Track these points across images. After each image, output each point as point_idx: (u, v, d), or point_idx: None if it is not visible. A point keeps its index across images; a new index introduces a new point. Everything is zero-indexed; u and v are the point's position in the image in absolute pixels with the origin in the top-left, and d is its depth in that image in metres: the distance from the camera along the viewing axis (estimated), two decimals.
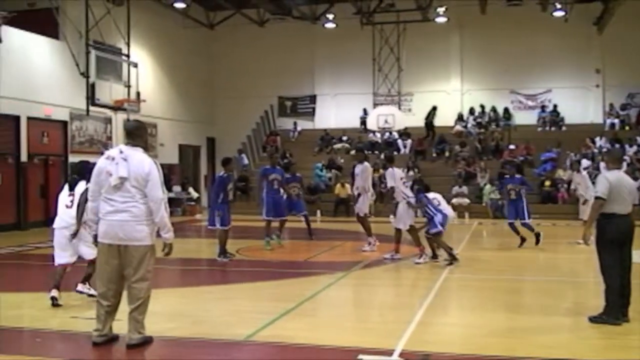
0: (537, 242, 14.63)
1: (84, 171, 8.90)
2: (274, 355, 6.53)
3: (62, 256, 8.83)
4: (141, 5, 25.60)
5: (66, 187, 9.17)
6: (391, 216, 13.60)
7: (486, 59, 30.26)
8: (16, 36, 20.02)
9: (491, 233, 19.65)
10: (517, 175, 15.19)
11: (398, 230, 12.77)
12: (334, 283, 10.49)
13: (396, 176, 12.60)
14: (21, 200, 20.30)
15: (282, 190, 15.31)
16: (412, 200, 12.47)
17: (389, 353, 6.18)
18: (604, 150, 25.29)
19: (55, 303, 8.57)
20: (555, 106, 29.62)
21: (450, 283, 10.58)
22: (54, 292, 8.64)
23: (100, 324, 6.47)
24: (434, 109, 29.63)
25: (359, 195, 14.28)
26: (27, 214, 20.42)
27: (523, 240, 14.61)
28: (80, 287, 9.13)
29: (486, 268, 12.51)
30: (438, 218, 12.12)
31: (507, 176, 15.41)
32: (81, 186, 8.81)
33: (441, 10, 28.18)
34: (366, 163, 14.56)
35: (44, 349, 6.76)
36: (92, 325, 6.56)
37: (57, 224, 8.93)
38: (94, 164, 6.68)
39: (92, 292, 8.73)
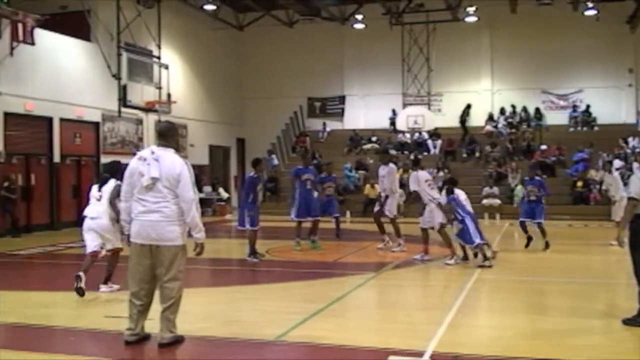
0: (527, 245, 14.47)
1: (115, 170, 9.58)
2: (304, 355, 6.53)
3: (92, 245, 9.51)
4: (171, 8, 25.81)
5: (96, 185, 9.76)
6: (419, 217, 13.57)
7: (517, 59, 30.00)
8: (49, 39, 20.30)
9: (522, 234, 19.42)
10: (537, 178, 15.06)
11: (424, 231, 12.74)
12: (364, 284, 10.48)
13: (420, 179, 12.58)
14: (54, 201, 20.57)
15: (314, 191, 15.27)
16: (442, 201, 12.42)
17: (420, 354, 6.16)
18: (637, 150, 24.94)
19: (79, 286, 9.10)
20: (587, 106, 29.28)
21: (481, 284, 10.51)
22: (81, 273, 9.23)
23: (132, 323, 6.54)
24: (468, 107, 29.42)
25: (386, 197, 14.27)
26: (59, 214, 20.70)
27: (530, 239, 14.53)
28: (102, 287, 9.58)
29: (517, 269, 12.41)
30: (470, 227, 12.04)
31: (527, 178, 15.28)
32: (110, 184, 9.43)
33: (471, 9, 28.01)
34: (391, 164, 14.55)
35: (77, 347, 6.84)
36: (125, 324, 6.63)
37: (87, 212, 9.67)
38: (125, 164, 6.78)
39: (115, 287, 9.44)
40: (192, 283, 9.10)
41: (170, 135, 6.69)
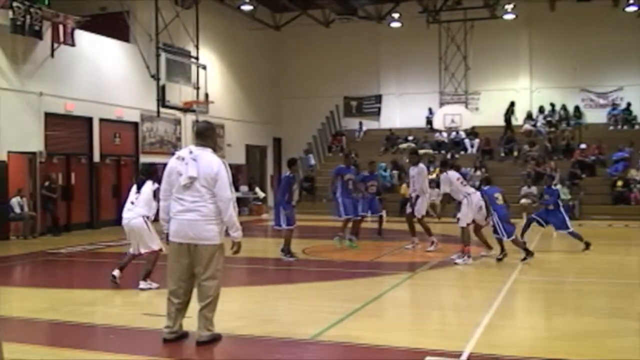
0: (587, 247, 14.17)
1: (151, 172, 10.18)
2: (340, 355, 6.54)
3: (132, 247, 10.13)
4: (209, 8, 26.00)
5: (134, 187, 10.15)
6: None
7: (556, 57, 29.63)
8: (89, 40, 20.61)
9: (561, 235, 19.18)
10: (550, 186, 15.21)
11: (464, 230, 12.70)
12: (400, 284, 10.45)
13: (452, 179, 12.60)
14: (94, 200, 20.87)
15: (356, 190, 15.28)
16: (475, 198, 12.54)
17: (457, 355, 6.12)
18: None
19: (114, 280, 9.88)
20: (628, 104, 28.78)
21: (519, 285, 10.41)
22: (116, 272, 9.96)
23: (170, 321, 6.61)
24: (512, 104, 29.10)
25: (417, 197, 14.23)
26: (99, 213, 20.99)
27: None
28: (142, 284, 9.78)
29: (555, 270, 12.28)
30: (505, 227, 12.23)
31: (546, 186, 15.24)
32: (148, 186, 9.89)
33: (509, 7, 27.73)
34: (421, 165, 14.51)
35: (116, 345, 6.93)
36: (163, 322, 6.69)
37: (123, 220, 10.17)
38: (160, 165, 6.86)
39: (154, 285, 9.62)
40: (229, 282, 9.15)
41: (208, 135, 6.74)
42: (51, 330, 7.63)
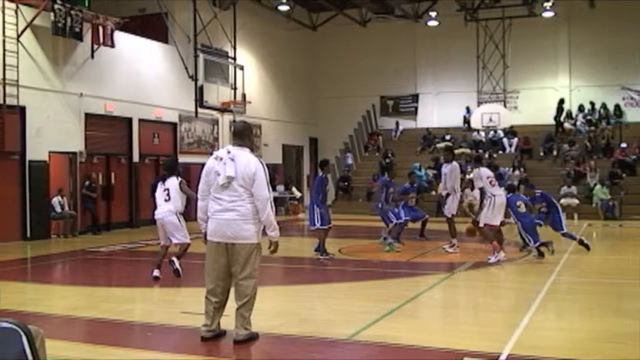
0: (587, 248, 13.91)
1: (174, 167, 10.69)
2: (377, 355, 6.52)
3: (162, 240, 10.83)
4: (246, 9, 26.15)
5: (159, 183, 10.68)
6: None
7: (596, 54, 29.16)
8: (128, 41, 20.87)
9: (601, 235, 18.92)
10: (539, 191, 15.05)
11: (498, 231, 12.62)
12: (438, 284, 10.39)
13: (482, 176, 12.57)
14: (133, 199, 21.12)
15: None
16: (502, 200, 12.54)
17: (495, 357, 6.06)
18: None
19: (155, 276, 10.52)
20: None
21: (558, 286, 10.28)
22: (156, 272, 10.59)
23: (208, 320, 6.65)
24: (562, 102, 28.67)
25: (447, 195, 14.13)
26: (138, 212, 21.23)
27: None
28: (176, 262, 10.65)
29: (595, 271, 12.09)
30: (530, 236, 12.45)
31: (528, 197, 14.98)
32: (174, 181, 10.43)
33: (548, 4, 27.39)
34: (454, 163, 14.40)
35: (154, 342, 7.01)
36: (201, 321, 6.74)
37: (156, 215, 10.71)
38: (198, 165, 6.94)
39: (177, 266, 10.53)
40: (266, 281, 9.20)
41: (245, 135, 6.77)
42: (90, 328, 7.74)
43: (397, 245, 14.52)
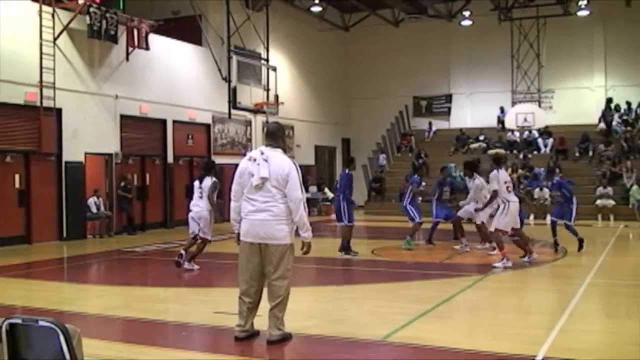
0: (580, 247, 13.70)
1: (210, 168, 11.76)
2: (410, 357, 6.48)
3: (191, 230, 11.90)
4: (279, 11, 26.24)
5: (197, 182, 11.73)
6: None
7: (632, 54, 28.70)
8: (162, 43, 21.06)
9: (638, 236, 18.61)
10: (556, 179, 14.55)
11: (518, 232, 12.46)
12: (472, 286, 10.30)
13: (500, 179, 12.11)
14: (167, 200, 21.30)
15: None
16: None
17: None
18: None
19: (178, 261, 11.63)
20: None
21: (594, 288, 10.12)
22: (187, 265, 11.71)
23: (242, 320, 6.68)
24: (609, 101, 28.24)
25: (476, 209, 14.00)
26: (173, 212, 21.40)
27: (556, 244, 13.99)
28: (187, 265, 11.55)
29: (632, 273, 11.90)
30: None
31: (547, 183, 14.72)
32: (207, 181, 11.49)
33: (583, 3, 27.05)
34: (477, 181, 14.21)
35: (189, 342, 7.05)
36: (235, 321, 6.77)
37: (191, 206, 11.90)
38: (231, 166, 7.00)
39: (196, 267, 11.76)
40: (299, 281, 9.22)
41: (278, 136, 6.79)
42: (125, 327, 7.82)
43: (414, 243, 14.67)
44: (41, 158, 17.01)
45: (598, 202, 23.46)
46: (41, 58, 16.62)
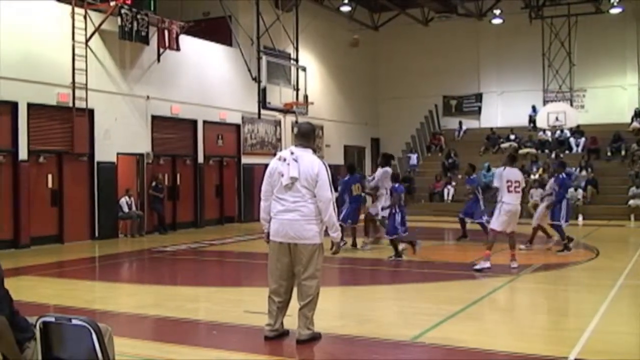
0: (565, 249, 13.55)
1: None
2: (440, 357, 6.46)
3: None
4: (309, 11, 26.25)
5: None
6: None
7: None
8: (193, 44, 21.19)
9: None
10: (562, 175, 14.13)
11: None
12: (503, 286, 10.22)
13: (504, 177, 11.65)
14: (198, 200, 21.43)
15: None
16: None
17: None
18: None
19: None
20: None
21: (627, 290, 9.99)
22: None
23: (271, 319, 6.70)
24: None
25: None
26: (203, 212, 21.53)
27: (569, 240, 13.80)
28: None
29: None
30: None
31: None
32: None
33: (615, 1, 26.67)
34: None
35: (219, 341, 7.08)
36: (264, 320, 6.80)
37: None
38: (261, 166, 7.01)
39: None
40: (328, 281, 9.22)
41: (310, 137, 6.83)
42: (156, 326, 7.89)
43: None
44: (74, 158, 17.21)
45: (631, 202, 23.14)
46: (73, 59, 16.82)
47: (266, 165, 6.79)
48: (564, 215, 13.65)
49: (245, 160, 23.36)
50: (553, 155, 27.19)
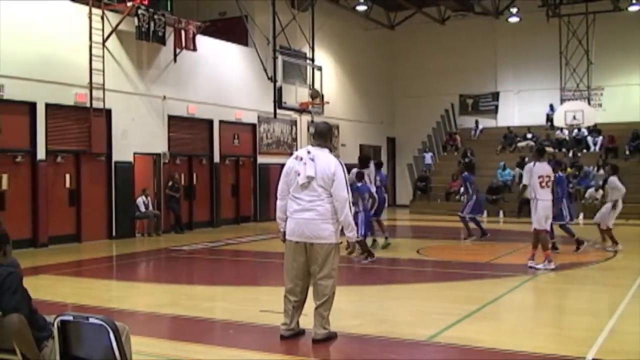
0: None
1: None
2: (456, 357, 6.45)
3: None
4: (324, 10, 26.24)
5: None
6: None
7: None
8: (209, 44, 21.26)
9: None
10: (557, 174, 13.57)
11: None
12: (519, 286, 10.18)
13: (534, 173, 11.49)
14: (214, 199, 21.49)
15: None
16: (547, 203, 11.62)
17: None
18: None
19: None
20: None
21: None
22: None
23: (287, 318, 6.72)
24: None
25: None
26: (219, 212, 21.59)
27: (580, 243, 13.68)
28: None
29: None
30: None
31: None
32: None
33: None
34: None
35: (235, 340, 7.10)
36: (280, 319, 6.82)
37: None
38: (277, 165, 7.01)
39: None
40: (344, 281, 9.22)
41: (327, 136, 6.84)
42: (173, 325, 7.92)
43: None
44: (91, 158, 17.32)
45: None
46: (91, 60, 16.92)
47: (282, 165, 6.81)
48: (566, 214, 13.55)
49: (261, 160, 23.39)
50: (570, 154, 27.02)
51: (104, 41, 17.32)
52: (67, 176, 16.87)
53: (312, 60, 25.17)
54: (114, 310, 8.43)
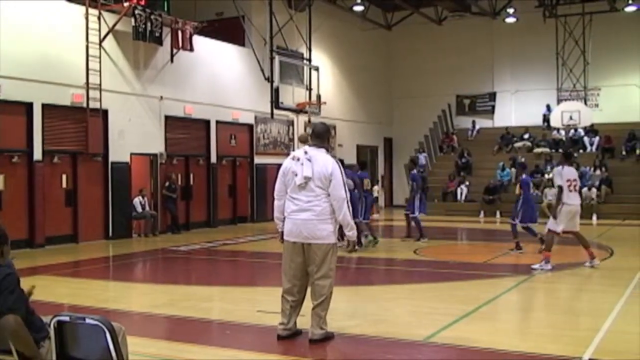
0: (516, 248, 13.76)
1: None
2: (454, 357, 6.45)
3: None
4: (321, 11, 26.25)
5: None
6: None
7: None
8: (206, 45, 21.24)
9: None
10: (523, 176, 13.93)
11: (576, 234, 12.10)
12: (516, 286, 10.18)
13: (564, 176, 11.48)
14: (211, 200, 21.48)
15: None
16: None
17: None
18: None
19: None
20: None
21: None
22: None
23: (285, 318, 6.72)
24: None
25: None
26: (216, 212, 21.58)
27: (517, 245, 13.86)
28: None
29: None
30: None
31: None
32: None
33: None
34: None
35: (232, 340, 7.10)
36: (277, 320, 6.81)
37: None
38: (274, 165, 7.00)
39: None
40: (342, 281, 9.22)
41: (325, 137, 6.85)
42: (169, 325, 7.91)
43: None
44: (88, 158, 17.30)
45: None
46: (87, 60, 16.90)
47: (279, 165, 6.81)
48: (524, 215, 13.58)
49: (258, 160, 23.39)
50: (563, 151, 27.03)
51: (101, 41, 17.30)
52: (64, 176, 16.85)
53: (309, 60, 25.20)
54: (111, 310, 8.42)
